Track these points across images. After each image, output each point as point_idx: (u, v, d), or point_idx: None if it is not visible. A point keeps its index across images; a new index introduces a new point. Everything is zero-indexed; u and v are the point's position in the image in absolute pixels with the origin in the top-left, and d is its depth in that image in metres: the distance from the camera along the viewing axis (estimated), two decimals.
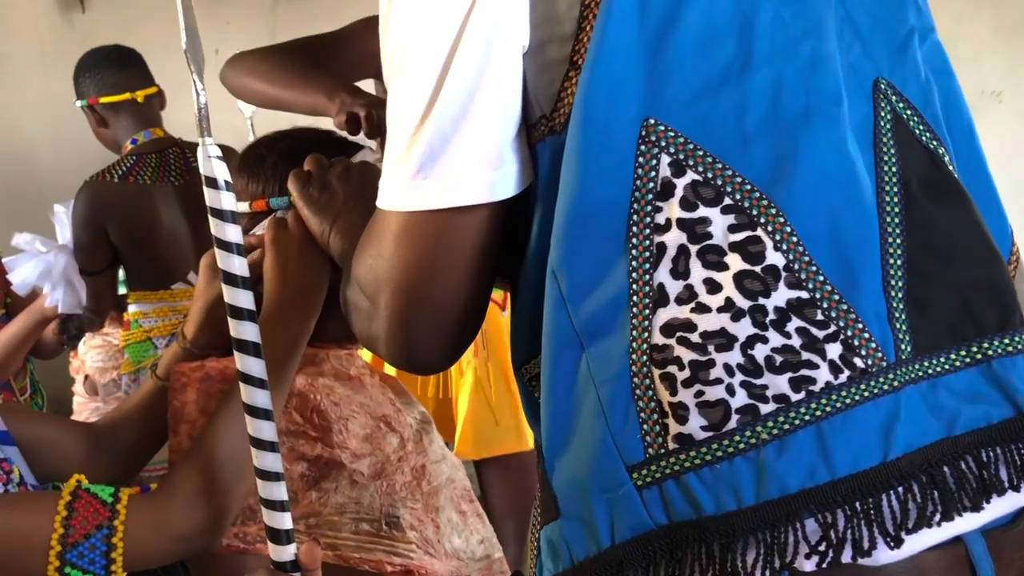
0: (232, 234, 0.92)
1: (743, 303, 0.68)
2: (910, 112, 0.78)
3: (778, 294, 0.68)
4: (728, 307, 0.68)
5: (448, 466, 1.30)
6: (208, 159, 0.91)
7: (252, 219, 1.18)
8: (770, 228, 0.69)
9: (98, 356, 2.58)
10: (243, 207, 1.14)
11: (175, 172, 2.45)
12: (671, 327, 0.69)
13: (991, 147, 0.87)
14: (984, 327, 0.72)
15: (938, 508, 0.67)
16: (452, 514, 1.26)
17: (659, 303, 0.69)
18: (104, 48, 2.50)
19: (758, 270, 0.69)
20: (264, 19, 3.68)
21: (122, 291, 2.52)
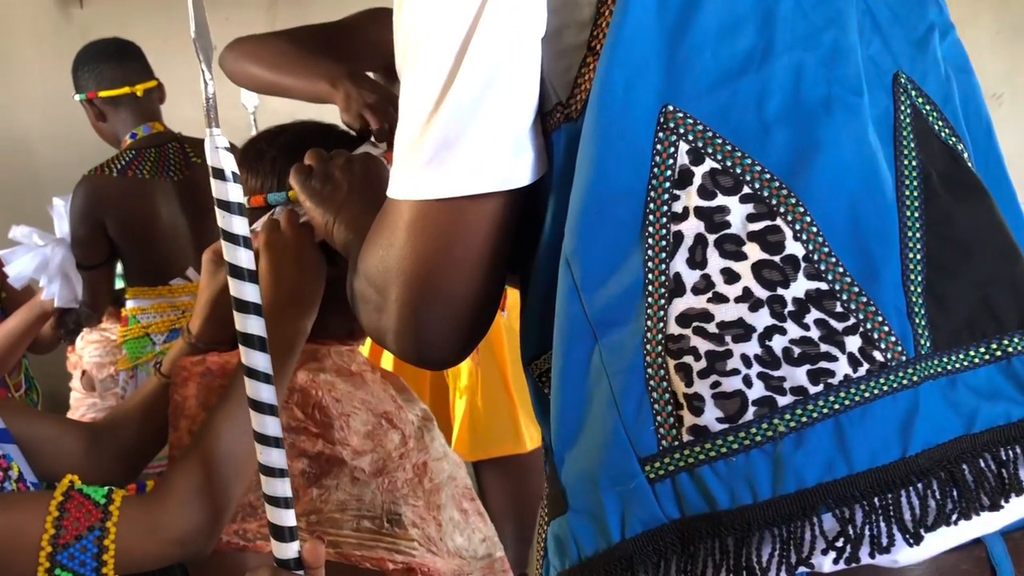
0: (239, 226, 0.91)
1: (761, 293, 0.67)
2: (929, 107, 0.77)
3: (797, 285, 0.67)
4: (746, 297, 0.67)
5: (449, 464, 1.30)
6: (216, 150, 0.90)
7: (251, 214, 1.17)
8: (790, 218, 0.68)
9: (95, 352, 2.57)
10: None
11: (174, 167, 2.44)
12: (687, 317, 0.68)
13: None
14: (1004, 323, 0.71)
15: (957, 506, 0.66)
16: (454, 512, 1.25)
17: (675, 293, 0.68)
18: (103, 41, 2.49)
19: (777, 260, 0.68)
20: (263, 15, 3.67)
21: (120, 286, 2.51)
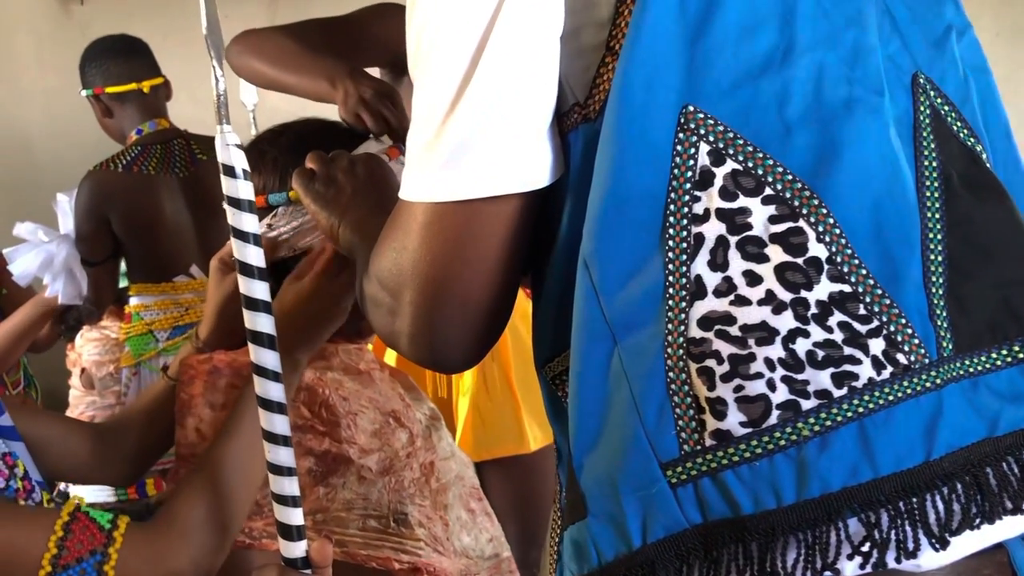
0: (249, 224, 0.91)
1: (784, 296, 0.67)
2: (948, 108, 0.76)
3: (820, 287, 0.67)
4: (769, 300, 0.67)
5: (457, 463, 1.29)
6: (226, 147, 0.90)
7: None
8: (812, 219, 0.67)
9: (95, 349, 2.56)
10: None
11: (180, 163, 2.44)
12: (709, 320, 0.67)
13: None
14: None
15: (981, 510, 0.65)
16: (461, 512, 1.25)
17: (697, 295, 0.67)
18: (111, 38, 2.49)
19: (800, 262, 0.67)
20: (263, 13, 3.66)
21: (123, 284, 2.50)
